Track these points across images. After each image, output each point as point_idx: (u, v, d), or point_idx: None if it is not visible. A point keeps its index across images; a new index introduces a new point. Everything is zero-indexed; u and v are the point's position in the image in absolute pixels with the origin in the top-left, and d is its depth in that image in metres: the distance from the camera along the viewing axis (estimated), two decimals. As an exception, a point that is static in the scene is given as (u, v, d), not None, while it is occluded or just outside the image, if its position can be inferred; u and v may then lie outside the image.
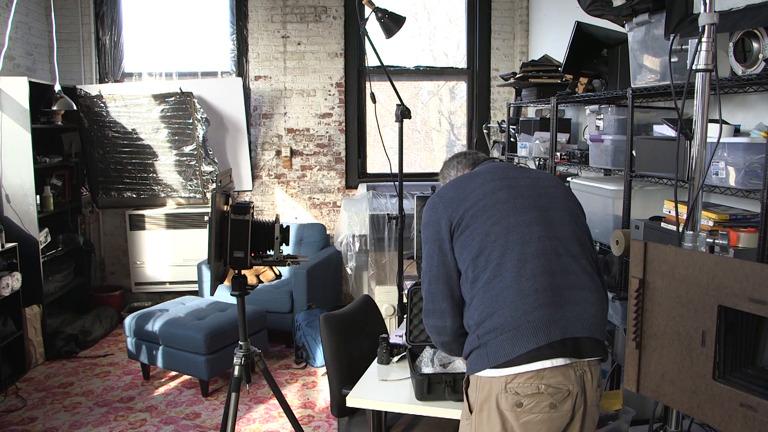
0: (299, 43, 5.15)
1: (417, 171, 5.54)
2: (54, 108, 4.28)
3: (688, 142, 1.76)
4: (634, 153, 2.61)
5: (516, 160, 4.46)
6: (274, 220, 2.58)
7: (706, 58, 1.63)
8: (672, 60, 2.10)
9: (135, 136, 4.83)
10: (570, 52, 3.20)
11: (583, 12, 2.71)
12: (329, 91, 5.22)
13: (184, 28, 5.16)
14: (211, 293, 2.48)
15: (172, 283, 5.08)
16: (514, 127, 4.38)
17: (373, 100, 3.09)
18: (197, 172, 4.87)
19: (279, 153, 5.24)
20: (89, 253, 4.99)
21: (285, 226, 2.60)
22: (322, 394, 3.65)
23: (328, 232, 5.13)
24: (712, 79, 1.67)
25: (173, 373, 3.91)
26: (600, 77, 3.20)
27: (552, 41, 4.72)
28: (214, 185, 3.97)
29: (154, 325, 3.68)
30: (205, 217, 5.00)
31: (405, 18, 3.18)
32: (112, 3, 5.01)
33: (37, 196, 4.12)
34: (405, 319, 2.30)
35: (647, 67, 2.56)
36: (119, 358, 4.20)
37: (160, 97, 4.70)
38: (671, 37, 2.11)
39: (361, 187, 5.19)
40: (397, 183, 3.04)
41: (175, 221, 5.02)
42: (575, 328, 1.55)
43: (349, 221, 4.71)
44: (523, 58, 5.18)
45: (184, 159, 4.86)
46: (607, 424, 2.23)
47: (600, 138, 2.97)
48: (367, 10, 3.09)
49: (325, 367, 2.73)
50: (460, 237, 1.67)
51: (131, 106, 4.75)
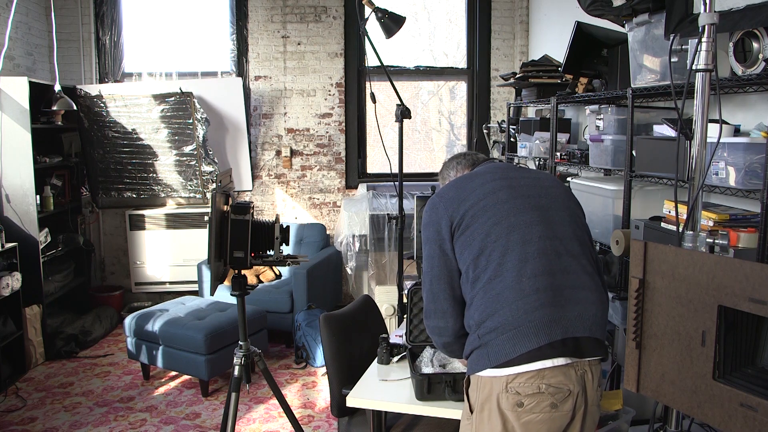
0: (299, 43, 5.15)
1: (417, 171, 5.54)
2: (54, 108, 4.28)
3: (688, 142, 1.76)
4: (634, 153, 2.61)
5: (516, 160, 4.46)
6: (274, 220, 2.58)
7: (706, 58, 1.63)
8: (672, 60, 2.10)
9: (135, 136, 4.83)
10: (570, 52, 3.20)
11: (583, 12, 2.71)
12: (329, 91, 5.22)
13: (184, 28, 5.16)
14: (211, 293, 2.48)
15: (172, 283, 5.08)
16: (514, 127, 4.38)
17: (373, 100, 3.09)
18: (197, 172, 4.87)
19: (279, 153, 5.24)
20: (89, 253, 4.99)
21: (285, 226, 2.60)
22: (322, 394, 3.65)
23: (328, 232, 5.13)
24: (712, 79, 1.67)
25: (173, 373, 3.91)
26: (600, 77, 3.19)
27: (552, 41, 4.72)
28: (214, 185, 3.96)
29: (154, 325, 3.68)
30: (205, 217, 5.00)
31: (405, 18, 3.18)
32: (112, 3, 5.01)
33: (37, 196, 4.12)
34: (405, 319, 2.30)
35: (647, 67, 2.56)
36: (119, 358, 4.20)
37: (160, 97, 4.70)
38: (671, 37, 2.11)
39: (361, 187, 5.19)
40: (397, 183, 3.04)
41: (175, 221, 5.02)
42: (576, 328, 1.56)
43: (349, 221, 4.71)
44: (523, 58, 5.18)
45: (184, 159, 4.86)
46: (607, 424, 2.24)
47: (600, 138, 2.97)
48: (367, 10, 3.09)
49: (325, 367, 2.73)
50: (460, 237, 1.67)
51: (131, 106, 4.75)
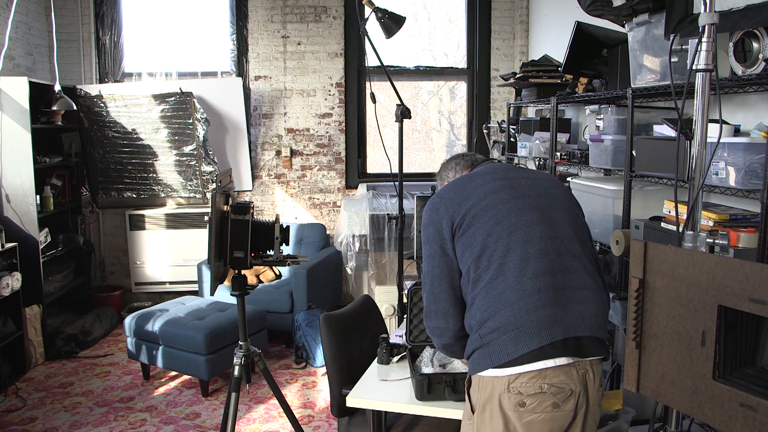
0: (299, 43, 5.15)
1: (417, 171, 5.54)
2: (54, 108, 4.28)
3: (688, 142, 1.77)
4: (634, 153, 2.61)
5: (516, 160, 4.46)
6: (274, 220, 2.58)
7: (706, 58, 1.63)
8: (672, 60, 2.10)
9: (135, 136, 4.83)
10: (570, 52, 3.20)
11: (583, 12, 2.71)
12: (329, 91, 5.22)
13: (184, 28, 5.16)
14: (211, 293, 2.48)
15: (172, 283, 5.08)
16: (514, 127, 4.38)
17: (373, 100, 3.09)
18: (197, 172, 4.87)
19: (279, 153, 5.24)
20: (89, 253, 4.99)
21: (285, 226, 2.60)
22: (322, 394, 3.65)
23: (328, 232, 5.13)
24: (712, 79, 1.67)
25: (173, 373, 3.91)
26: (600, 77, 3.19)
27: (552, 41, 4.72)
28: (214, 185, 3.96)
29: (154, 325, 3.68)
30: (205, 217, 5.00)
31: (405, 18, 3.18)
32: (112, 3, 5.01)
33: (37, 196, 4.12)
34: (405, 319, 2.30)
35: (647, 67, 2.56)
36: (119, 358, 4.20)
37: (160, 97, 4.70)
38: (671, 37, 2.11)
39: (361, 187, 5.19)
40: (397, 183, 3.04)
41: (175, 221, 5.02)
42: (577, 328, 1.56)
43: (349, 221, 4.71)
44: (523, 58, 5.18)
45: (184, 159, 4.86)
46: (607, 424, 2.24)
47: (600, 138, 2.97)
48: (367, 10, 3.09)
49: (325, 367, 2.72)
50: (461, 237, 1.67)
51: (131, 106, 4.75)
